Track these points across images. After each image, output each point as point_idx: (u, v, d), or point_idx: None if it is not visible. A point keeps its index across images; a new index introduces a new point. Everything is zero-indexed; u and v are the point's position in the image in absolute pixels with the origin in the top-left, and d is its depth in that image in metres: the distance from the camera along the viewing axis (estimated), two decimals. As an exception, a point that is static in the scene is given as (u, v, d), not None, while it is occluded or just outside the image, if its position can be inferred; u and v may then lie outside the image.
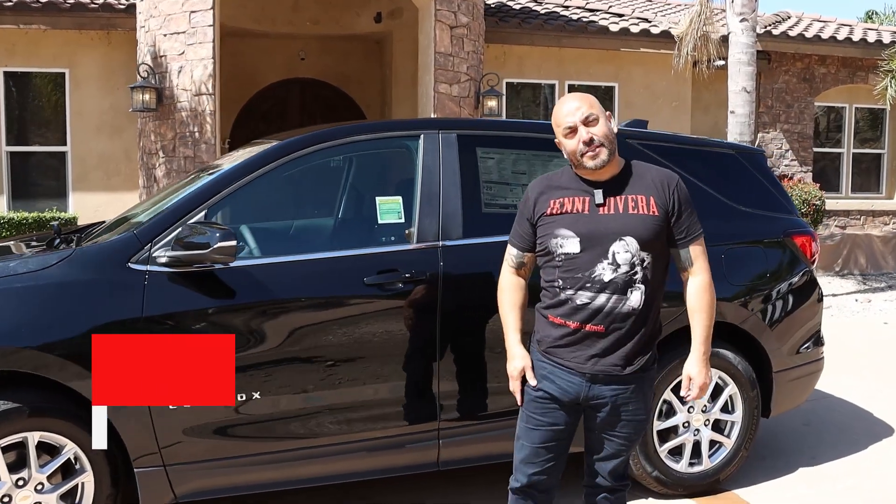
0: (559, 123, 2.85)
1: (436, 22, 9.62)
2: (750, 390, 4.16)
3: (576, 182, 2.86)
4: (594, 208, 2.80)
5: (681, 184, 2.89)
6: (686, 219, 2.87)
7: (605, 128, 2.80)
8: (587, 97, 2.87)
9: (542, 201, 2.88)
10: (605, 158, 2.78)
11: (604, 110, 2.86)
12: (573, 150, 2.81)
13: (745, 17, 9.77)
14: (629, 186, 2.83)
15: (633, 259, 2.74)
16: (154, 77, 9.43)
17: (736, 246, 4.18)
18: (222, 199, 3.51)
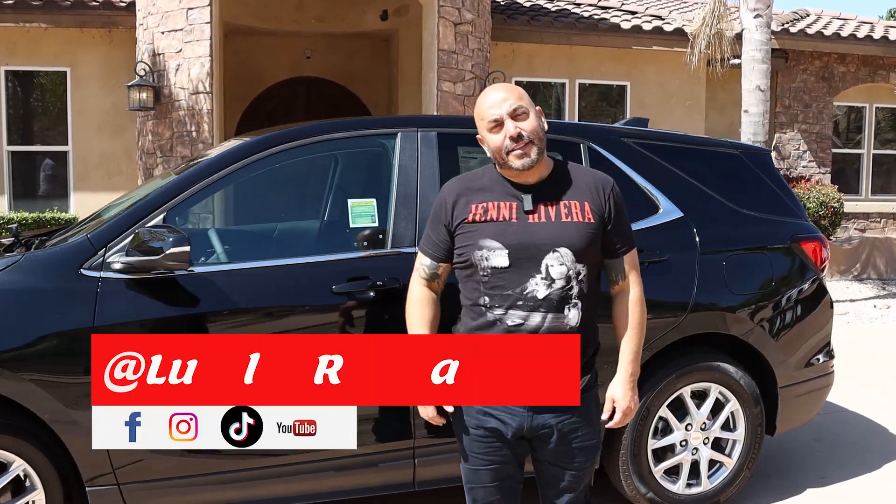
0: (482, 116, 2.53)
1: (439, 18, 9.38)
2: (753, 406, 3.90)
3: (500, 184, 2.55)
4: (523, 216, 2.49)
5: (616, 187, 2.61)
6: (623, 226, 2.60)
7: (536, 123, 2.51)
8: (515, 88, 2.57)
9: (462, 205, 2.55)
10: (535, 157, 2.48)
11: (534, 104, 2.56)
12: (498, 146, 2.49)
13: (760, 14, 9.47)
14: (560, 190, 2.54)
15: (568, 272, 2.45)
16: (152, 75, 9.25)
17: (739, 252, 3.91)
18: (184, 202, 3.29)
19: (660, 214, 3.76)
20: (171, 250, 2.94)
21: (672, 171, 3.86)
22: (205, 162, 3.40)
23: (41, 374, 3.00)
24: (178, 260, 2.97)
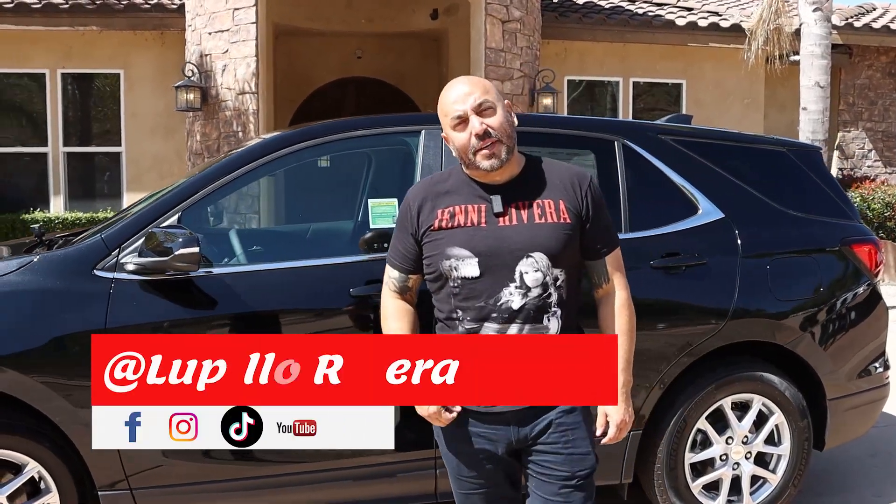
0: (446, 112, 2.32)
1: (486, 16, 9.25)
2: (800, 420, 3.68)
3: (467, 186, 2.35)
4: (492, 219, 2.29)
5: (594, 182, 2.40)
6: (603, 224, 2.38)
7: (503, 118, 2.30)
8: (481, 81, 2.36)
9: (427, 211, 2.35)
10: (504, 157, 2.27)
11: (502, 98, 2.36)
12: (463, 145, 2.29)
13: (819, 6, 9.14)
14: (533, 189, 2.33)
15: (545, 279, 2.25)
16: (199, 76, 9.29)
17: (784, 256, 3.69)
18: (200, 201, 3.21)
19: (699, 215, 3.56)
20: (180, 251, 2.86)
21: (712, 170, 3.66)
22: (222, 160, 3.32)
23: (53, 377, 2.96)
24: (187, 261, 2.89)
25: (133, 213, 3.27)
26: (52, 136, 11.07)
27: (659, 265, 3.41)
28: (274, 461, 3.15)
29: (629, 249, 2.72)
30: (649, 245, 3.44)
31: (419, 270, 2.41)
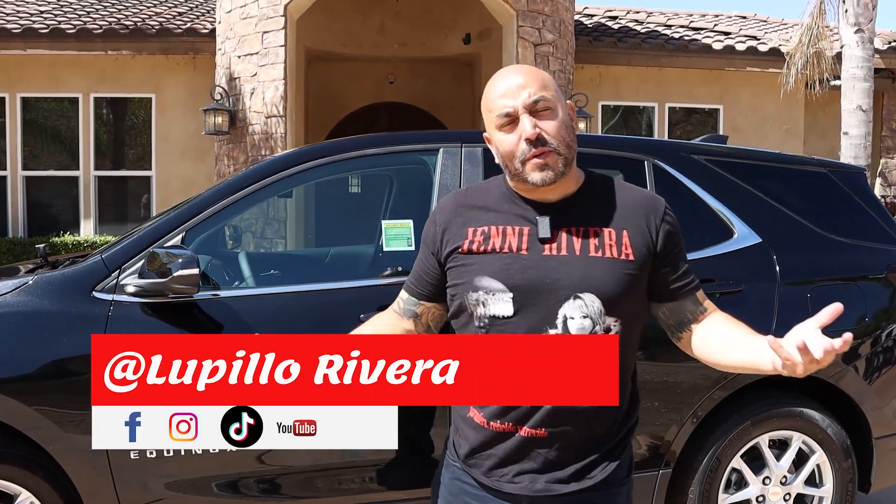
0: (490, 107, 1.86)
1: (518, 39, 9.12)
2: (843, 459, 3.43)
3: (509, 202, 1.91)
4: (536, 246, 1.83)
5: (669, 211, 1.93)
6: (684, 261, 1.94)
7: (563, 123, 1.83)
8: (539, 73, 1.88)
9: (456, 228, 1.91)
10: (560, 170, 1.82)
11: (562, 96, 1.88)
12: (510, 150, 1.83)
13: (861, 28, 8.88)
14: (591, 214, 1.88)
15: (593, 328, 1.79)
16: (228, 100, 9.25)
17: (826, 283, 3.46)
18: (205, 221, 3.07)
19: (734, 240, 3.34)
20: (179, 273, 2.71)
21: (749, 192, 3.45)
22: (230, 179, 3.17)
23: (48, 404, 2.81)
24: (185, 283, 2.74)
25: (135, 232, 3.14)
26: (84, 159, 11.11)
27: (691, 292, 3.20)
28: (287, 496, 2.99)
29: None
30: (681, 271, 3.22)
31: (435, 299, 2.01)
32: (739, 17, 14.34)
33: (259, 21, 8.85)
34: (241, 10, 9.04)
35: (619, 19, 13.19)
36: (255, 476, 2.97)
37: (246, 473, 2.95)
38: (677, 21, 13.25)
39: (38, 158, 11.27)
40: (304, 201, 3.55)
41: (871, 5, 8.93)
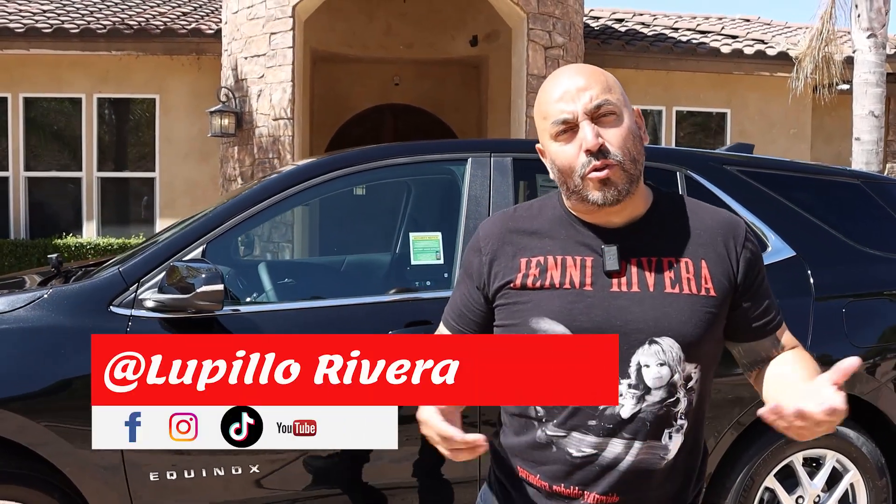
0: (546, 114, 1.60)
1: (528, 42, 9.02)
2: (878, 478, 3.34)
3: (567, 226, 1.65)
4: (602, 280, 1.58)
5: (752, 236, 1.69)
6: (766, 291, 1.69)
7: (631, 133, 1.58)
8: (603, 74, 1.61)
9: (506, 259, 1.65)
10: (624, 188, 1.56)
11: (628, 101, 1.63)
12: (567, 163, 1.57)
13: (874, 33, 8.79)
14: (664, 240, 1.62)
15: (672, 377, 1.55)
16: (234, 101, 9.15)
17: (861, 298, 3.37)
18: (225, 233, 2.97)
19: (768, 253, 3.26)
20: (202, 289, 2.62)
21: (782, 204, 3.36)
22: (251, 189, 3.08)
23: (62, 422, 2.71)
24: (209, 300, 2.64)
25: (154, 244, 3.04)
26: (87, 160, 11.00)
27: (725, 308, 3.11)
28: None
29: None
30: (715, 285, 3.14)
31: None
32: (743, 20, 14.27)
33: (266, 22, 8.75)
34: (249, 10, 8.94)
35: (626, 22, 13.11)
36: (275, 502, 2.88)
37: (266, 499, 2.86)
38: (683, 24, 13.17)
39: (40, 159, 11.17)
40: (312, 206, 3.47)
41: (885, 10, 8.85)
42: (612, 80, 1.61)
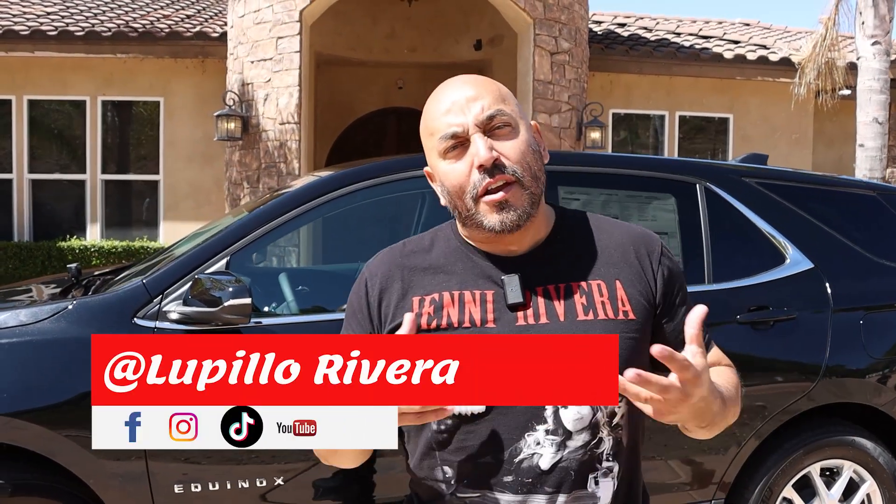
0: (432, 129, 1.43)
1: (535, 47, 9.04)
2: (894, 488, 3.36)
3: (464, 258, 1.50)
4: (506, 315, 1.42)
5: (667, 248, 1.54)
6: (685, 310, 1.50)
7: (527, 146, 1.42)
8: (492, 83, 1.46)
9: (395, 298, 1.50)
10: (525, 209, 1.41)
11: (524, 114, 1.49)
12: (458, 184, 1.41)
13: (878, 40, 8.83)
14: (572, 263, 1.47)
15: (594, 416, 1.40)
16: (240, 105, 9.16)
17: (878, 310, 3.39)
18: (250, 244, 2.98)
19: (787, 265, 3.28)
20: (230, 302, 2.63)
21: (800, 216, 3.39)
22: (275, 200, 3.09)
23: (84, 433, 2.71)
24: (237, 313, 2.66)
25: (177, 256, 3.05)
26: (91, 163, 11.00)
27: (746, 320, 3.13)
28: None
29: (713, 302, 2.44)
30: (735, 297, 3.16)
31: None
32: (743, 25, 14.31)
33: (273, 26, 8.76)
34: (255, 14, 8.95)
35: (628, 27, 13.14)
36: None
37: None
38: (685, 28, 13.21)
39: (44, 161, 11.17)
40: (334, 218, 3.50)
41: (889, 17, 8.89)
42: (504, 90, 1.46)
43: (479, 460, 1.41)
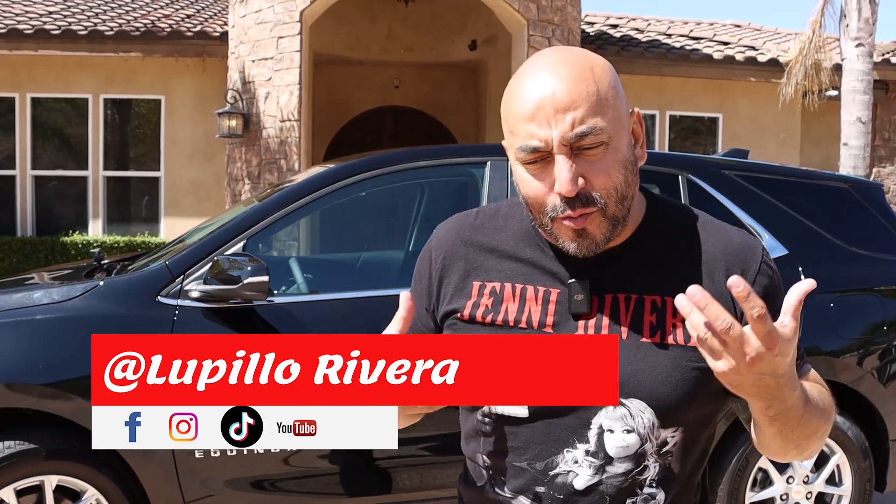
0: (513, 129, 1.24)
1: (529, 48, 9.28)
2: (861, 460, 3.61)
3: (534, 245, 1.34)
4: (567, 322, 1.29)
5: (767, 258, 1.33)
6: None
7: (620, 165, 1.22)
8: (589, 81, 1.19)
9: (457, 278, 1.38)
10: (605, 237, 1.24)
11: (624, 107, 1.24)
12: (536, 199, 1.24)
13: (862, 43, 9.10)
14: (652, 271, 1.30)
15: (641, 446, 1.26)
16: (242, 103, 9.38)
17: (848, 294, 3.65)
18: (264, 229, 3.23)
19: (762, 252, 3.53)
20: (250, 280, 2.87)
21: (776, 206, 3.64)
22: (287, 189, 3.33)
23: (117, 403, 2.96)
24: (256, 290, 2.90)
25: (196, 240, 3.28)
26: (93, 160, 11.20)
27: (723, 301, 3.37)
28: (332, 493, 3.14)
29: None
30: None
31: None
32: (734, 26, 14.56)
33: (274, 26, 8.99)
34: (256, 15, 9.17)
35: (620, 27, 13.38)
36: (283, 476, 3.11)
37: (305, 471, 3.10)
38: (677, 29, 13.46)
39: (47, 158, 11.36)
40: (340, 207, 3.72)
41: (872, 20, 9.15)
42: (604, 89, 1.20)
43: (515, 464, 1.32)
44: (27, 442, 2.92)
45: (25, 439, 2.93)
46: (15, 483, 2.91)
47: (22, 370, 2.91)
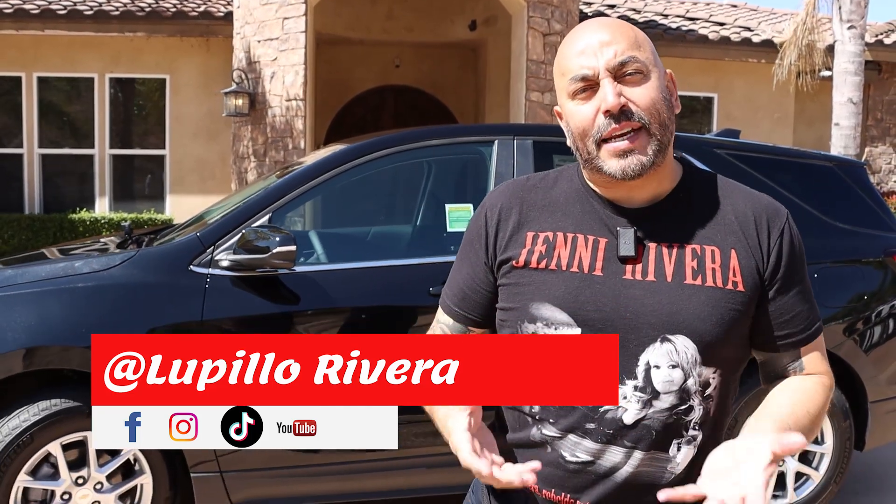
0: (564, 69, 1.42)
1: (528, 29, 9.47)
2: (842, 420, 3.87)
3: (583, 201, 1.48)
4: (615, 266, 1.41)
5: (792, 222, 1.49)
6: (797, 297, 1.45)
7: (659, 94, 1.39)
8: (630, 28, 1.42)
9: (510, 229, 1.50)
10: (650, 158, 1.37)
11: (659, 61, 1.43)
12: (582, 126, 1.39)
13: (853, 25, 9.31)
14: (691, 224, 1.43)
15: (685, 382, 1.37)
16: (247, 82, 9.57)
17: (831, 265, 3.90)
18: (288, 203, 3.46)
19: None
20: (278, 249, 3.10)
21: (765, 183, 3.87)
22: (308, 166, 3.57)
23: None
24: (284, 259, 3.13)
25: (225, 212, 3.51)
26: (99, 138, 11.39)
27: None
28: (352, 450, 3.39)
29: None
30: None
31: (489, 324, 1.56)
32: (731, 6, 14.72)
33: (280, 7, 9.17)
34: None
35: (617, 8, 13.56)
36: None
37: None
38: (673, 10, 13.62)
39: (53, 137, 11.55)
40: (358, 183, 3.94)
41: (864, 3, 9.35)
42: (641, 36, 1.42)
43: None
44: (72, 400, 3.16)
45: (70, 398, 3.16)
46: (62, 437, 3.15)
47: (66, 334, 3.14)
